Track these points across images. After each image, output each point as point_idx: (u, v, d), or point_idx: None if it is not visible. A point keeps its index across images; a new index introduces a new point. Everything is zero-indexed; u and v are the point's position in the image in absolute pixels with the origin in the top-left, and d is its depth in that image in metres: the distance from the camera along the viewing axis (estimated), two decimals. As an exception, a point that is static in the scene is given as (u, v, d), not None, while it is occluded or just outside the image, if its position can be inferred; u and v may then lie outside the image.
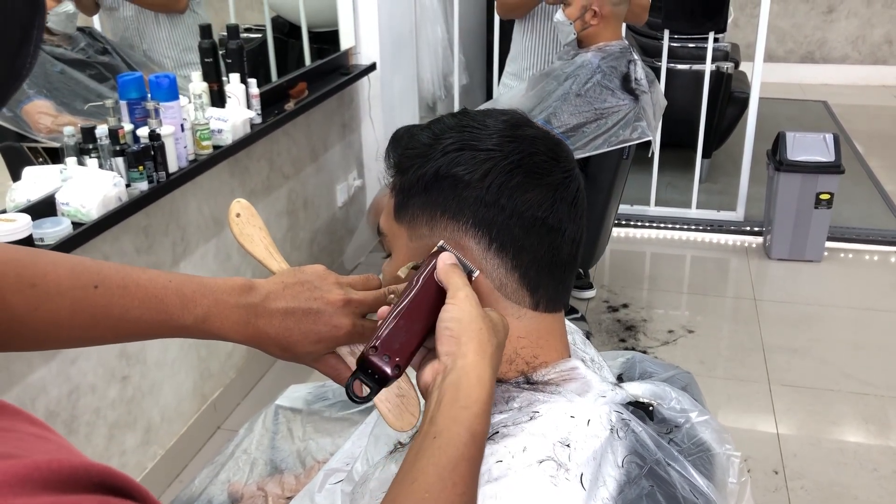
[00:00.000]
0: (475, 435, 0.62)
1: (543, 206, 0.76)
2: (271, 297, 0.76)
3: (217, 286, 0.77)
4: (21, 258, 0.72)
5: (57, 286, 0.72)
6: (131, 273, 0.76)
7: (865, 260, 3.60)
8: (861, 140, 5.10)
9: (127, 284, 0.75)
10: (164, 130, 2.01)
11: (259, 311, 0.75)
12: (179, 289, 0.75)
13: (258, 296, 0.76)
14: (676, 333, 3.00)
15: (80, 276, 0.73)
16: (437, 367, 0.66)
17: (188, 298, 0.75)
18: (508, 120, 0.80)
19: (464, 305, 0.67)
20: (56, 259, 0.74)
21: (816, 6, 6.49)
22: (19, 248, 0.74)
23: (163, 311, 0.75)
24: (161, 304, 0.75)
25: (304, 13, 3.15)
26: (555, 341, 0.80)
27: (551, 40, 2.83)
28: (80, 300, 0.73)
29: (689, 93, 4.01)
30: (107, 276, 0.75)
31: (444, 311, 0.68)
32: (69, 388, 1.88)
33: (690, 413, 0.83)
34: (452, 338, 0.66)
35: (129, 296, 0.74)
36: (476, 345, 0.65)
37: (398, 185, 0.80)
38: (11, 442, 0.43)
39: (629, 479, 0.74)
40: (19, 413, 0.47)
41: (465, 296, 0.68)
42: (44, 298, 0.72)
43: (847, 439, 2.43)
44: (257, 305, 0.76)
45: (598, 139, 2.40)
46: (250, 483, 1.11)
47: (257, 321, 0.75)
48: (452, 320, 0.67)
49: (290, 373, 2.74)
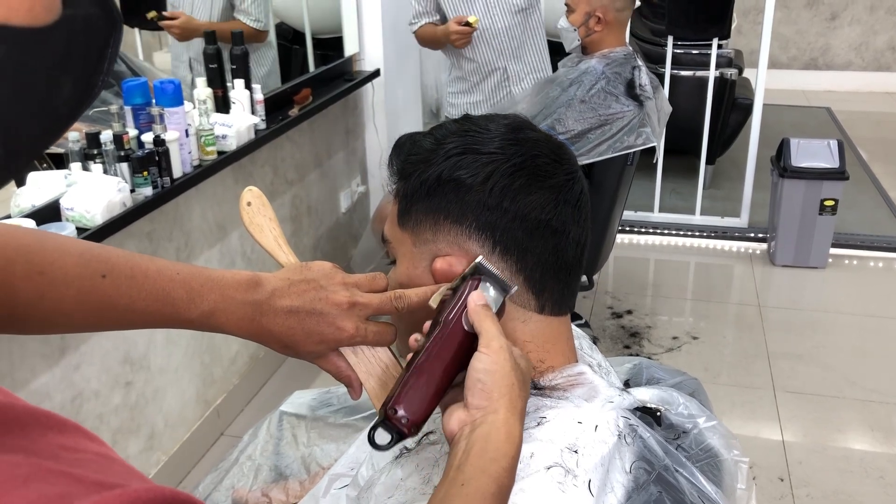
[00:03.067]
0: (502, 488, 0.62)
1: (546, 208, 0.75)
2: (277, 295, 0.75)
3: (224, 281, 0.76)
4: (30, 244, 0.72)
5: (64, 275, 0.72)
6: (140, 263, 0.75)
7: (870, 266, 3.60)
8: (865, 146, 5.09)
9: (135, 275, 0.74)
10: (169, 136, 2.01)
11: (264, 309, 0.75)
12: (187, 282, 0.75)
13: (264, 293, 0.75)
14: (681, 340, 2.99)
15: (89, 265, 0.73)
16: (464, 419, 0.65)
17: (195, 292, 0.75)
18: (510, 123, 0.80)
19: (497, 357, 0.66)
20: (64, 245, 0.74)
21: (819, 13, 6.50)
22: (27, 233, 0.73)
23: (169, 304, 0.74)
24: (168, 296, 0.74)
25: (309, 20, 3.15)
26: (561, 345, 0.80)
27: None
28: (87, 289, 0.72)
29: (692, 99, 4.01)
30: (115, 265, 0.74)
31: (476, 361, 0.67)
32: (73, 393, 1.88)
33: (698, 419, 0.83)
34: (484, 392, 0.65)
35: (137, 287, 0.74)
36: (508, 401, 0.65)
37: (401, 191, 0.80)
38: (91, 465, 0.43)
39: (637, 485, 0.73)
40: (78, 429, 0.47)
41: (498, 347, 0.67)
42: (51, 286, 0.71)
43: (853, 446, 2.42)
44: (262, 303, 0.75)
45: (603, 145, 2.40)
46: (255, 489, 1.11)
47: (262, 318, 0.75)
48: (485, 372, 0.66)
49: (294, 379, 2.74)
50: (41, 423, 0.45)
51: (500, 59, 2.84)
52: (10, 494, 0.37)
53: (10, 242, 0.71)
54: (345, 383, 0.79)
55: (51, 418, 0.46)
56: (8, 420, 0.43)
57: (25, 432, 0.43)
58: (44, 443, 0.44)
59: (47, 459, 0.42)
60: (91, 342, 1.93)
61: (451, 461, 0.64)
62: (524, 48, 2.86)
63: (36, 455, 0.42)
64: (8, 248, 0.71)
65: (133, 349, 2.08)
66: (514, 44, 2.83)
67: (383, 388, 0.78)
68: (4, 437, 0.41)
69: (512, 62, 2.85)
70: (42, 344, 1.79)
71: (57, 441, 0.44)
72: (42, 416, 0.46)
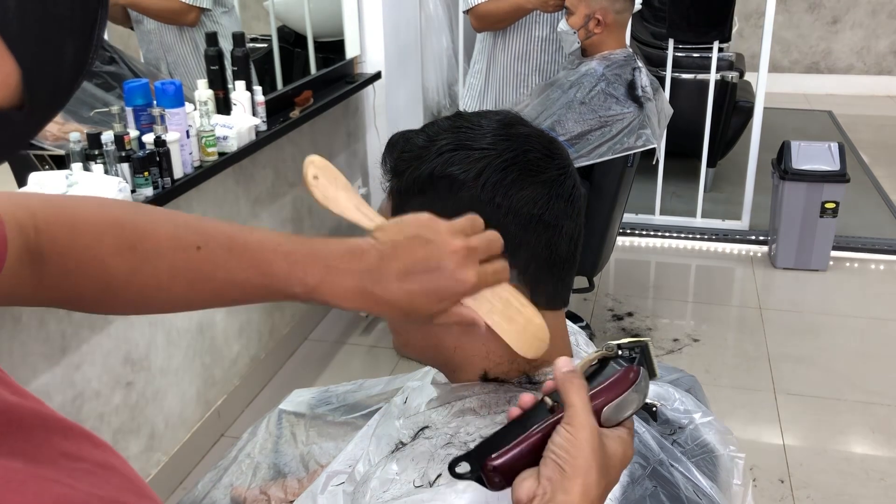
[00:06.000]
0: None
1: (539, 202, 0.76)
2: (385, 259, 0.69)
3: (329, 251, 0.70)
4: (119, 217, 0.69)
5: (157, 248, 0.69)
6: (238, 234, 0.71)
7: (871, 269, 3.59)
8: (866, 150, 5.09)
9: (233, 246, 0.70)
10: (170, 137, 2.02)
11: (375, 277, 0.69)
12: (289, 254, 0.70)
13: (372, 260, 0.69)
14: (682, 342, 2.99)
15: (183, 238, 0.70)
16: (534, 490, 0.61)
17: (298, 265, 0.70)
18: (502, 119, 0.80)
19: (579, 435, 0.61)
20: (157, 217, 0.71)
21: (821, 17, 6.50)
22: (117, 205, 0.70)
23: (269, 276, 0.70)
24: (269, 269, 0.70)
25: (310, 23, 3.16)
26: (556, 340, 0.80)
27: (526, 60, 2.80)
28: (181, 262, 0.69)
29: (693, 102, 4.01)
30: (212, 236, 0.70)
31: (557, 434, 0.62)
32: (73, 393, 1.88)
33: (694, 414, 0.83)
34: (557, 466, 0.60)
35: (235, 259, 0.70)
36: (581, 486, 0.59)
37: (395, 188, 0.80)
38: (87, 477, 0.43)
39: (632, 479, 0.73)
40: (83, 434, 0.47)
41: (582, 423, 0.61)
42: (144, 261, 0.68)
43: (854, 449, 2.42)
44: (374, 271, 0.69)
45: (603, 147, 2.40)
46: (253, 487, 1.11)
47: (374, 288, 0.69)
48: (562, 448, 0.61)
49: (295, 380, 2.75)
50: (47, 426, 0.45)
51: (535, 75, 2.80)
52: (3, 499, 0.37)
53: (98, 217, 0.69)
54: (468, 324, 0.73)
55: (58, 422, 0.46)
56: (13, 422, 0.43)
57: (29, 436, 0.43)
58: (46, 448, 0.44)
59: (47, 467, 0.42)
60: (92, 342, 1.94)
61: None
62: (549, 67, 2.81)
63: (35, 462, 0.42)
64: (97, 223, 0.68)
65: (134, 350, 2.08)
66: (546, 58, 2.81)
67: (510, 322, 0.74)
68: (6, 439, 0.42)
69: (536, 75, 2.83)
70: (43, 343, 1.79)
71: (60, 447, 0.44)
72: (49, 419, 0.46)
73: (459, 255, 0.68)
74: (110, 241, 0.68)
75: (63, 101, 0.41)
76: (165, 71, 2.76)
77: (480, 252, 0.70)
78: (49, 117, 0.41)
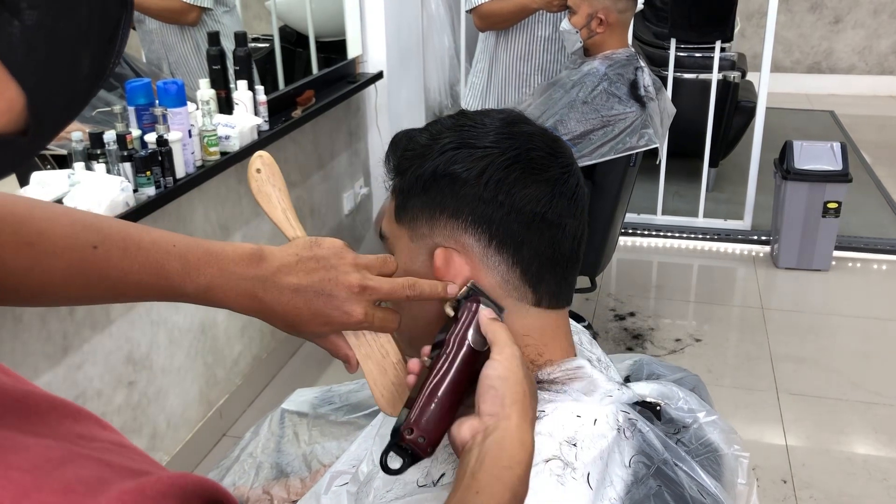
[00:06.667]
0: (516, 496, 0.62)
1: (542, 200, 0.76)
2: (283, 271, 0.71)
3: (225, 254, 0.72)
4: (19, 213, 0.69)
5: (54, 246, 0.69)
6: (133, 233, 0.72)
7: (873, 269, 3.59)
8: (868, 150, 5.09)
9: (128, 246, 0.71)
10: (172, 136, 2.02)
11: (268, 286, 0.71)
12: (184, 255, 0.71)
13: (268, 268, 0.72)
14: (684, 342, 2.99)
15: (79, 235, 0.70)
16: (477, 426, 0.64)
17: (191, 265, 0.71)
18: (505, 118, 0.80)
19: (510, 364, 0.66)
20: (55, 215, 0.71)
21: (823, 17, 6.50)
22: (17, 201, 0.70)
23: (163, 277, 0.71)
24: (162, 269, 0.71)
25: (312, 23, 3.16)
26: (559, 339, 0.80)
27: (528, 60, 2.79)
28: (77, 261, 0.69)
29: (695, 102, 4.01)
30: (107, 235, 0.71)
31: (489, 368, 0.66)
32: (75, 393, 1.88)
33: (698, 413, 0.83)
34: (497, 398, 0.64)
35: (129, 259, 0.70)
36: (520, 408, 0.64)
37: (398, 186, 0.80)
38: (110, 452, 0.44)
39: (637, 478, 0.73)
40: (90, 417, 0.47)
41: (510, 354, 0.67)
42: (41, 257, 0.69)
43: (856, 449, 2.42)
44: (266, 279, 0.71)
45: (605, 146, 2.40)
46: (256, 487, 1.11)
47: (265, 295, 0.71)
48: (498, 379, 0.65)
49: (297, 380, 2.74)
50: (58, 411, 0.45)
51: (537, 74, 2.80)
52: (48, 476, 0.37)
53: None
54: (342, 360, 0.78)
55: (67, 407, 0.46)
56: (28, 407, 0.43)
57: (45, 420, 0.44)
58: (63, 430, 0.44)
59: (74, 445, 0.42)
60: (94, 342, 1.94)
61: (464, 468, 0.63)
62: (552, 66, 2.81)
63: (62, 440, 0.42)
64: None
65: (136, 349, 2.08)
66: (549, 57, 2.81)
67: (381, 374, 0.77)
68: (26, 423, 0.42)
69: (538, 75, 2.83)
70: (45, 343, 1.79)
71: (74, 430, 0.45)
72: (59, 404, 0.46)
73: (353, 289, 0.72)
74: (9, 237, 0.67)
75: (76, 112, 0.40)
76: (167, 70, 2.75)
77: (375, 294, 0.73)
78: (59, 130, 0.40)
